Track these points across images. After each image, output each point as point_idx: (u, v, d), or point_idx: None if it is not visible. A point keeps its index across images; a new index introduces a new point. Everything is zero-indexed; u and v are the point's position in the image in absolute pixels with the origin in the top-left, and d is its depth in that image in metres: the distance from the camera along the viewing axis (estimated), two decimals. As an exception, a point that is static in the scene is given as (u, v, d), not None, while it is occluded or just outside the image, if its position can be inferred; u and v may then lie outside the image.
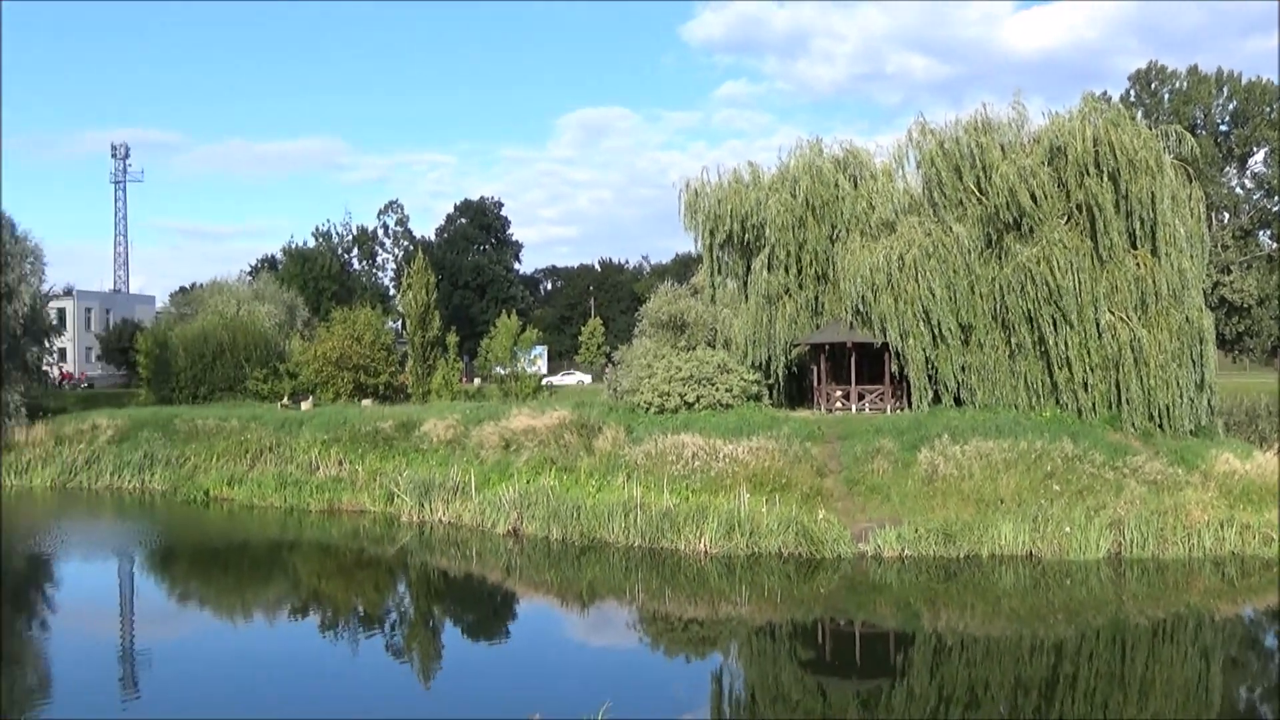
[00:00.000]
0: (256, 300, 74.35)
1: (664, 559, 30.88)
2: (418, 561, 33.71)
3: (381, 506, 39.71)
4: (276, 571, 33.70)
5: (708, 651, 24.52)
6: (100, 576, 34.12)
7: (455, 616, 28.91)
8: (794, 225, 43.06)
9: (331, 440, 46.10)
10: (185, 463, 48.25)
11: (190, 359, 63.65)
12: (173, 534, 39.53)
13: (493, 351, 65.13)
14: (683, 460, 35.43)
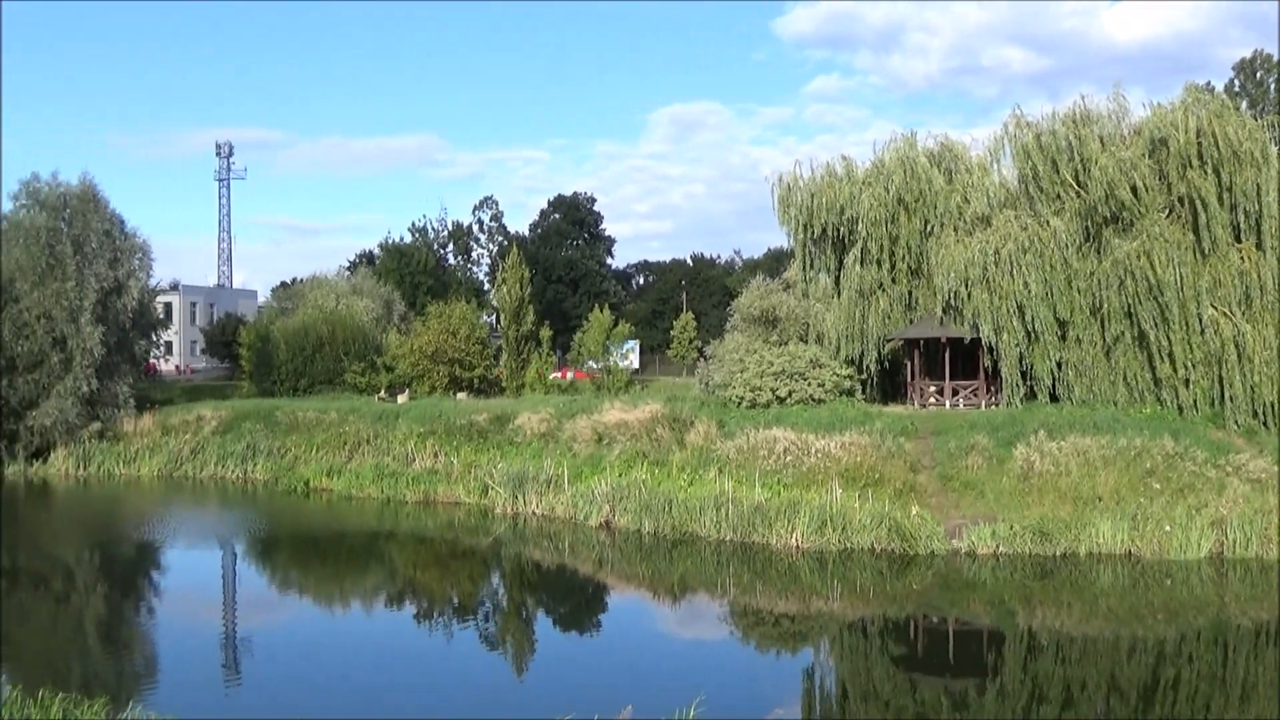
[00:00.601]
0: (355, 295, 75.46)
1: (755, 553, 30.83)
2: (511, 553, 34.02)
3: (476, 498, 40.13)
4: (374, 561, 34.19)
5: (799, 647, 24.46)
6: (204, 564, 34.97)
7: (548, 608, 29.14)
8: (887, 220, 42.72)
9: (427, 433, 46.69)
10: (286, 454, 49.21)
11: (291, 352, 64.99)
12: (274, 523, 40.35)
13: (585, 345, 65.42)
14: (774, 455, 35.32)
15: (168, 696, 18.56)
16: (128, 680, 20.81)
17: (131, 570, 33.50)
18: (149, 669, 22.49)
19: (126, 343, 58.08)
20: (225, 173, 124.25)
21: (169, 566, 34.35)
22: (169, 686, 20.24)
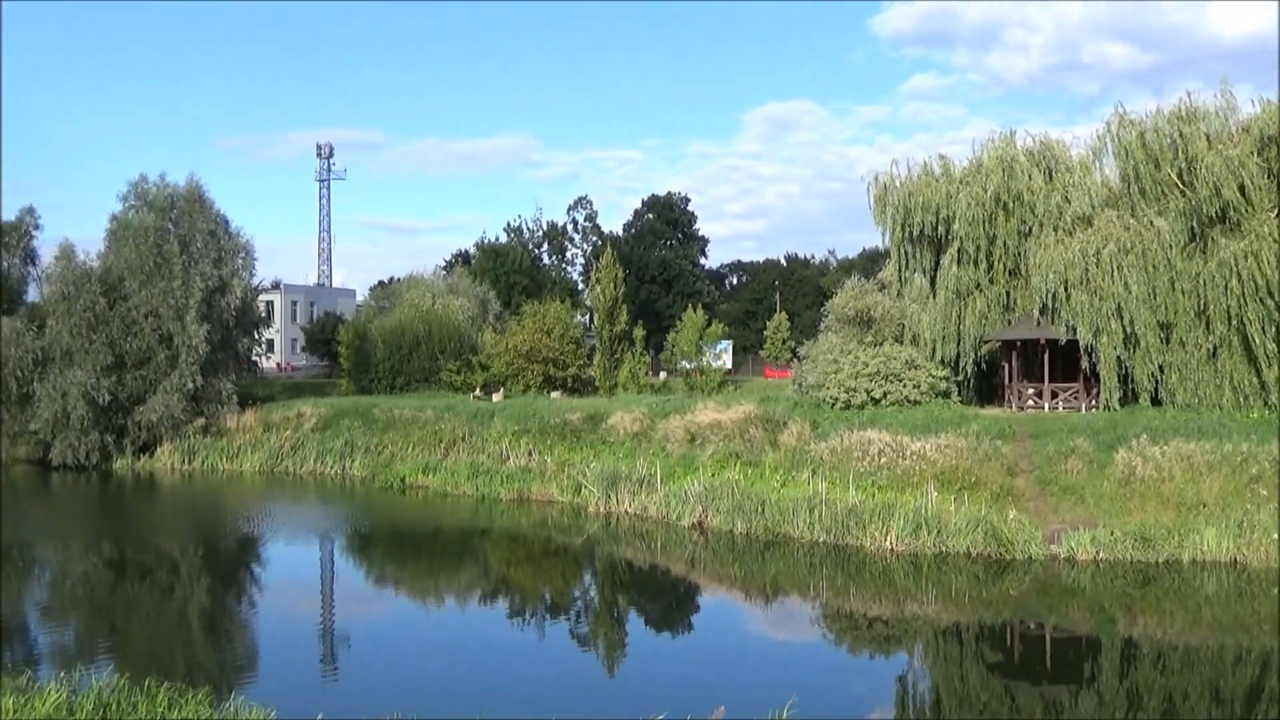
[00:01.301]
0: (451, 294, 76.28)
1: (849, 555, 30.55)
2: (604, 552, 34.11)
3: (569, 497, 40.30)
4: (468, 558, 34.50)
5: (892, 651, 24.18)
6: (304, 558, 35.59)
7: (640, 607, 29.13)
8: (985, 219, 42.09)
9: (521, 431, 47.02)
10: (383, 451, 49.92)
11: (388, 350, 65.92)
12: (371, 519, 40.94)
13: (678, 345, 65.39)
14: (868, 457, 34.99)
15: (267, 688, 18.85)
16: (229, 671, 21.24)
17: (234, 563, 34.22)
18: (249, 660, 22.94)
19: (230, 340, 59.33)
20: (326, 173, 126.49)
21: (270, 560, 35.03)
22: (268, 678, 20.62)
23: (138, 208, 57.68)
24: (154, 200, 57.65)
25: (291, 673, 21.11)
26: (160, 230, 56.64)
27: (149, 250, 55.71)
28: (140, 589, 29.84)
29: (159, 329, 55.63)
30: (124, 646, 23.06)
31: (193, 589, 30.11)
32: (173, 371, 55.05)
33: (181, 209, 57.88)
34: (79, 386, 52.83)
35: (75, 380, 53.04)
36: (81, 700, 13.58)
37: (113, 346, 54.83)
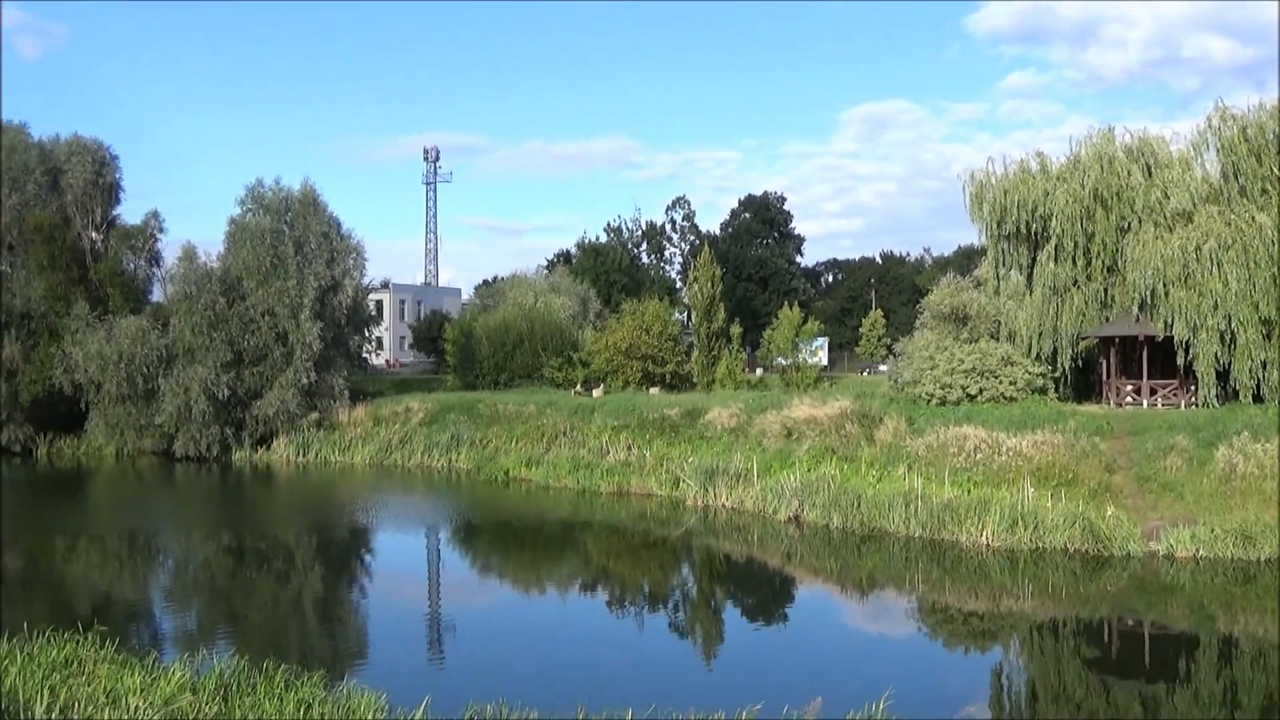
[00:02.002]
0: (552, 292, 76.75)
1: (944, 550, 30.16)
2: (701, 544, 34.09)
3: (667, 491, 40.34)
4: (569, 549, 34.70)
5: (988, 646, 23.81)
6: (412, 548, 36.10)
7: (736, 599, 29.07)
8: (1082, 216, 41.28)
9: (621, 426, 47.16)
10: (488, 444, 50.42)
11: (492, 347, 66.55)
12: (476, 511, 41.37)
13: (775, 342, 65.12)
14: (964, 452, 34.53)
15: (376, 672, 19.13)
16: (341, 656, 21.60)
17: (345, 552, 34.81)
18: (360, 646, 23.32)
19: (342, 338, 60.37)
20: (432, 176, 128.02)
21: (379, 549, 35.59)
22: (378, 663, 20.94)
23: (255, 211, 58.89)
24: (270, 203, 58.85)
25: (400, 658, 21.42)
26: (276, 232, 57.79)
27: (265, 251, 56.87)
28: (258, 576, 30.51)
29: (275, 327, 56.78)
30: (243, 630, 23.59)
31: (307, 576, 30.69)
32: (288, 368, 56.17)
33: (296, 211, 58.99)
34: (200, 382, 54.15)
35: (197, 376, 54.38)
36: (204, 680, 13.92)
37: (232, 344, 56.09)
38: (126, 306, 59.48)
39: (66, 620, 18.10)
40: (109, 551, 33.72)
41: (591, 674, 20.04)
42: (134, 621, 24.47)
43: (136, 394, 55.77)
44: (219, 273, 58.18)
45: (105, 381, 55.54)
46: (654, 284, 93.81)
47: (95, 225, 63.94)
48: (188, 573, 31.56)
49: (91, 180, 63.07)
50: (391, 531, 38.35)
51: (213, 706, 12.15)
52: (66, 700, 11.41)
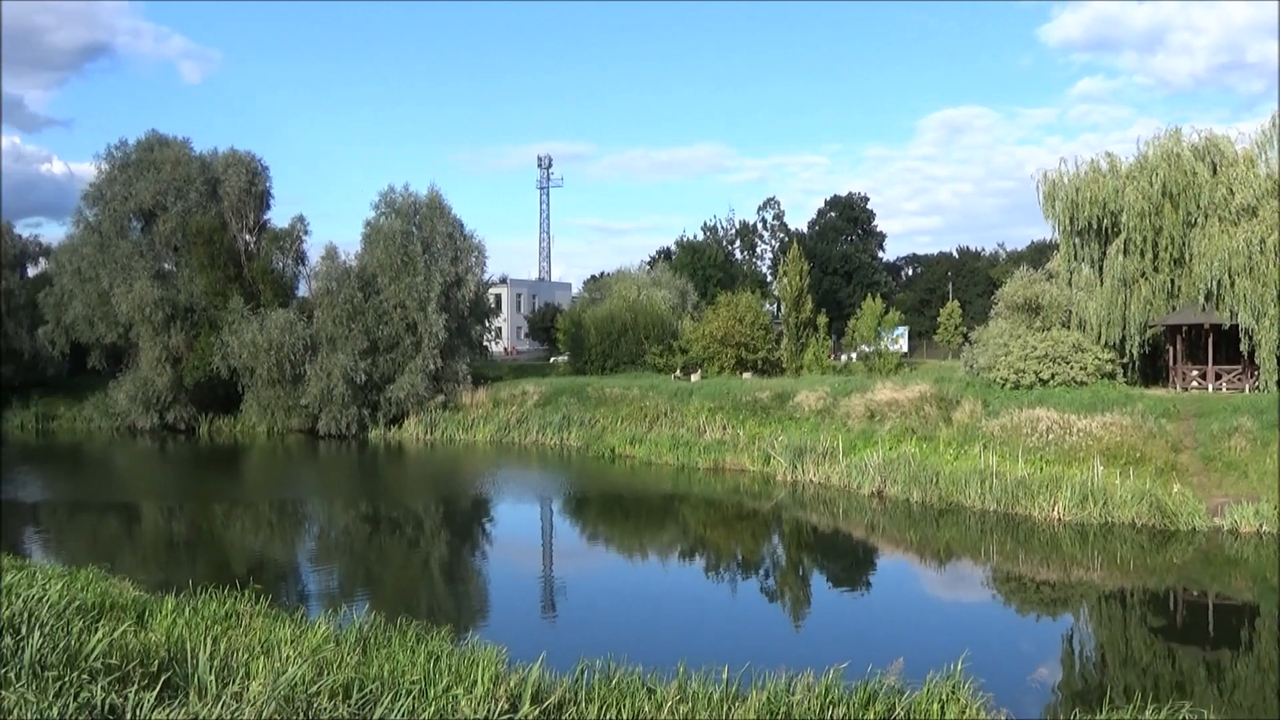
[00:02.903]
0: (654, 286, 76.76)
1: (1017, 524, 29.58)
2: (790, 516, 33.90)
3: (759, 467, 40.16)
4: (669, 520, 34.73)
5: (1059, 612, 23.30)
6: (527, 517, 36.44)
7: (822, 566, 28.83)
8: (1151, 212, 40.15)
9: (716, 408, 47.07)
10: (595, 424, 50.69)
11: (600, 336, 66.80)
12: (585, 484, 41.63)
13: (858, 331, 64.43)
14: (1037, 433, 33.83)
15: (496, 628, 19.40)
16: (464, 613, 21.92)
17: (468, 520, 35.27)
18: (481, 604, 23.63)
19: (465, 328, 61.10)
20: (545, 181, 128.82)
21: (498, 518, 35.98)
22: (497, 620, 21.23)
23: (387, 214, 59.86)
24: (400, 207, 59.76)
25: (516, 616, 21.65)
26: (406, 233, 58.66)
27: (397, 251, 57.78)
28: (391, 541, 31.07)
29: (405, 318, 57.68)
30: (378, 589, 24.01)
31: (434, 542, 31.17)
32: (417, 355, 57.06)
33: (424, 215, 59.84)
34: (340, 368, 55.26)
35: (337, 363, 55.50)
36: (345, 633, 14.20)
37: (368, 334, 57.11)
38: (276, 301, 60.89)
39: (225, 578, 18.59)
40: (261, 518, 34.63)
41: (689, 633, 20.04)
42: (283, 580, 25.08)
43: (285, 378, 57.08)
44: (356, 270, 59.25)
45: (258, 367, 56.96)
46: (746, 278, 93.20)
47: (249, 229, 65.55)
48: (330, 538, 32.25)
49: (245, 189, 64.61)
50: (509, 502, 38.77)
51: (353, 656, 12.39)
52: (227, 649, 11.73)
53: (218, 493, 40.36)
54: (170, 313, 60.54)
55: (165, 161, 64.06)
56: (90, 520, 34.40)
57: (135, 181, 63.61)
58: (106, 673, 9.52)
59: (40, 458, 52.74)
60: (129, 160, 64.94)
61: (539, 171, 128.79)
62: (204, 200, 63.93)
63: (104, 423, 63.06)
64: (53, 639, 10.19)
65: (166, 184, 63.22)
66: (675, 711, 10.81)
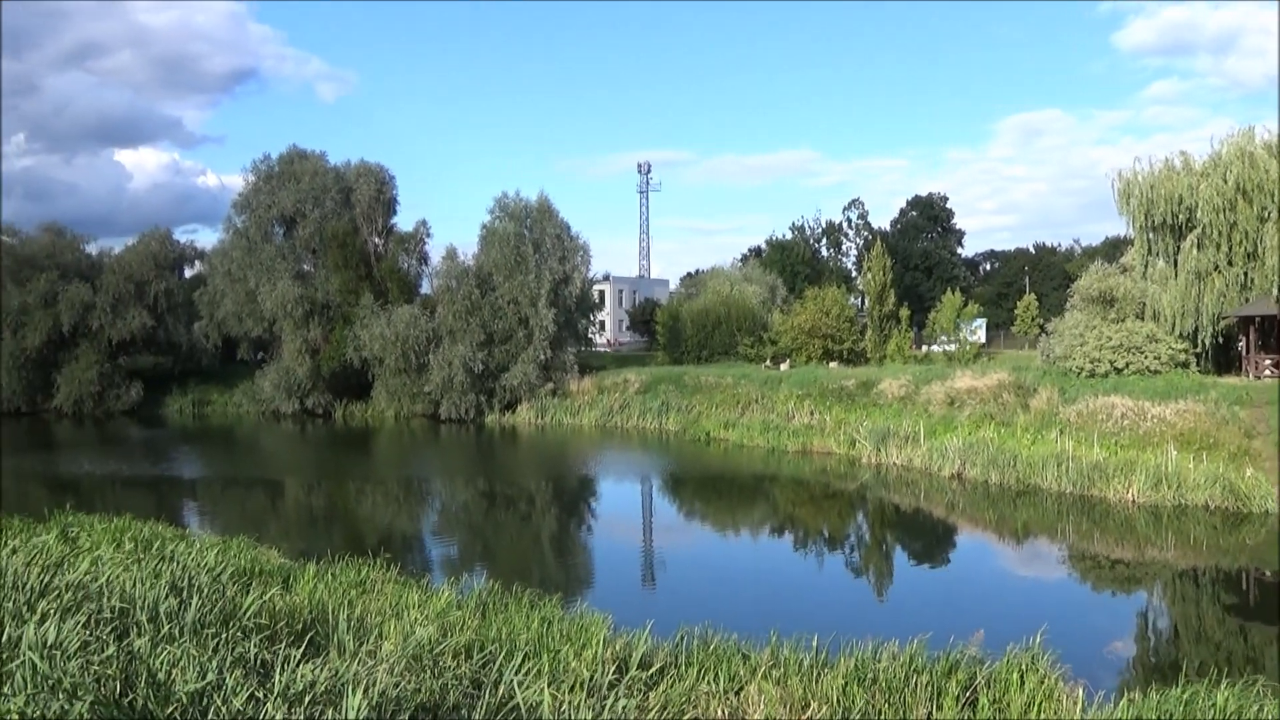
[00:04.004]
0: (745, 282, 76.43)
1: (1093, 505, 28.77)
2: (874, 496, 33.48)
3: (845, 450, 39.74)
4: (759, 498, 34.57)
5: (1133, 590, 22.61)
6: (628, 495, 36.61)
7: (904, 543, 28.41)
8: (1224, 208, 38.64)
9: (804, 395, 46.70)
10: (692, 410, 50.68)
11: (695, 328, 66.73)
12: (681, 465, 41.64)
13: (938, 323, 63.30)
14: (1112, 419, 32.88)
15: (601, 597, 19.53)
16: (572, 582, 22.09)
17: (575, 497, 35.57)
18: (588, 575, 23.81)
19: (572, 321, 61.52)
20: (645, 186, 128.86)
21: (602, 495, 36.23)
22: (602, 590, 21.36)
23: (501, 218, 60.53)
24: (513, 211, 60.36)
25: (620, 586, 21.80)
26: (518, 235, 59.25)
27: (510, 251, 58.41)
28: (505, 515, 31.50)
29: (518, 313, 58.33)
30: (494, 560, 24.40)
31: (544, 517, 31.52)
32: (529, 346, 57.66)
33: (534, 218, 60.37)
34: (460, 358, 56.13)
35: (457, 354, 56.38)
36: (466, 599, 14.45)
37: (484, 327, 57.90)
38: (402, 298, 62.06)
39: (358, 548, 19.07)
40: (389, 494, 35.38)
41: (779, 604, 19.94)
42: (409, 551, 25.58)
43: (410, 368, 58.17)
44: (474, 269, 60.06)
45: (386, 358, 58.16)
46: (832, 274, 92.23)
47: (377, 232, 66.89)
48: (450, 512, 32.81)
49: (374, 196, 65.92)
50: (612, 481, 38.99)
51: (474, 620, 12.60)
52: (361, 611, 12.03)
53: (351, 471, 41.35)
54: (309, 309, 62.13)
55: (304, 173, 65.75)
56: (240, 495, 35.54)
57: (278, 191, 65.42)
58: (258, 631, 9.84)
59: (196, 439, 54.68)
60: (273, 172, 66.82)
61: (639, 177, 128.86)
62: (338, 207, 65.44)
63: (251, 408, 65.12)
64: (211, 600, 10.56)
65: (305, 193, 64.90)
66: (768, 676, 10.77)
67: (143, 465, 42.36)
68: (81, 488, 34.22)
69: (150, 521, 21.66)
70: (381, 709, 7.64)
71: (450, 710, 8.32)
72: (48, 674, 7.58)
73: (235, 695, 7.43)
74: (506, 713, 8.37)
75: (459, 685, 8.95)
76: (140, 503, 29.37)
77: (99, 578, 11.20)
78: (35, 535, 16.84)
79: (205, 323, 66.89)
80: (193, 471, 42.36)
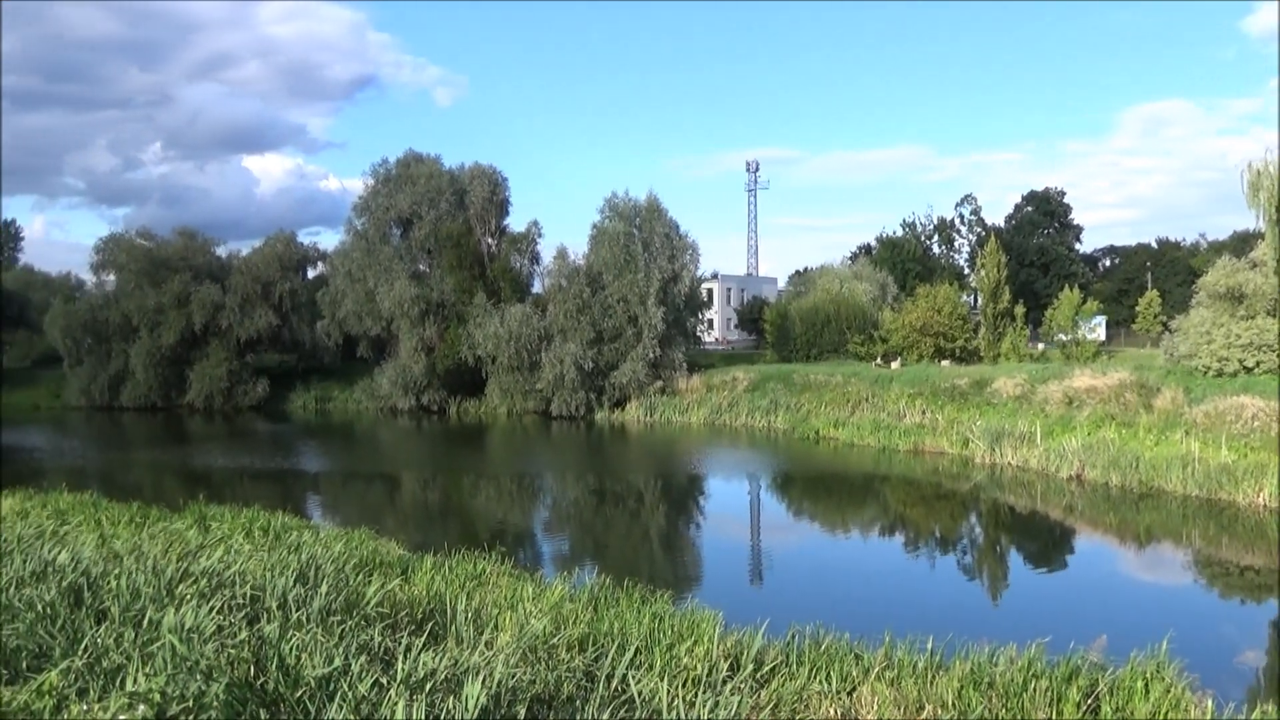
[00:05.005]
0: (855, 280, 75.54)
1: (1220, 510, 27.53)
2: (988, 497, 32.67)
3: (957, 450, 38.90)
4: (870, 498, 34.07)
5: (1265, 598, 21.51)
6: (736, 492, 36.47)
7: (1020, 545, 27.60)
8: (1363, 199, 36.65)
9: (915, 394, 45.91)
10: (800, 408, 50.26)
11: (804, 327, 66.26)
12: (791, 463, 41.31)
13: (1055, 320, 61.52)
14: (1242, 420, 31.48)
15: (709, 594, 19.46)
16: (681, 579, 22.04)
17: (683, 494, 35.56)
18: (696, 572, 23.75)
19: (680, 320, 61.64)
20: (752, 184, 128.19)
21: (711, 493, 36.13)
22: (711, 586, 21.23)
23: (611, 218, 60.98)
24: (622, 211, 60.73)
25: (728, 584, 21.68)
26: (627, 234, 59.62)
27: (619, 250, 58.80)
28: (614, 511, 31.66)
29: (628, 311, 58.65)
30: (604, 555, 24.54)
31: (653, 513, 31.58)
32: (638, 344, 57.93)
33: (643, 217, 60.61)
34: (570, 356, 56.72)
35: (568, 351, 56.98)
36: (579, 593, 14.58)
37: (594, 325, 58.39)
38: (514, 297, 63.02)
39: (472, 541, 19.42)
40: (502, 489, 35.93)
41: (890, 605, 19.56)
42: (521, 544, 25.91)
43: (522, 366, 59.02)
44: (584, 268, 60.64)
45: (499, 356, 59.13)
46: (944, 271, 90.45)
47: (490, 233, 68.08)
48: (561, 507, 33.14)
49: (488, 198, 67.09)
50: (720, 479, 38.89)
51: (586, 614, 12.71)
52: (479, 603, 12.24)
53: (465, 466, 42.15)
54: (425, 308, 63.55)
55: (420, 176, 67.29)
56: (359, 488, 36.56)
57: (395, 194, 67.12)
58: (380, 620, 10.11)
59: (318, 434, 56.45)
60: (390, 176, 68.58)
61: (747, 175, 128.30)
62: (452, 209, 66.79)
63: (370, 404, 66.95)
64: (336, 589, 10.89)
65: (421, 195, 66.43)
66: (882, 677, 10.61)
67: (269, 459, 43.92)
68: (213, 479, 35.66)
69: (276, 512, 22.43)
70: (499, 699, 7.77)
71: (565, 702, 8.42)
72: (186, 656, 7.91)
73: (360, 681, 7.65)
74: (620, 705, 8.43)
75: (573, 677, 9.05)
76: (267, 494, 30.48)
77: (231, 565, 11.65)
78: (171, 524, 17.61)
79: (327, 321, 68.99)
80: (315, 465, 43.72)
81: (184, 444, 51.41)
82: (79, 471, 37.46)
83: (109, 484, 32.20)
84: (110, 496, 24.98)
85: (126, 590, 10.07)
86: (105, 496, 24.84)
